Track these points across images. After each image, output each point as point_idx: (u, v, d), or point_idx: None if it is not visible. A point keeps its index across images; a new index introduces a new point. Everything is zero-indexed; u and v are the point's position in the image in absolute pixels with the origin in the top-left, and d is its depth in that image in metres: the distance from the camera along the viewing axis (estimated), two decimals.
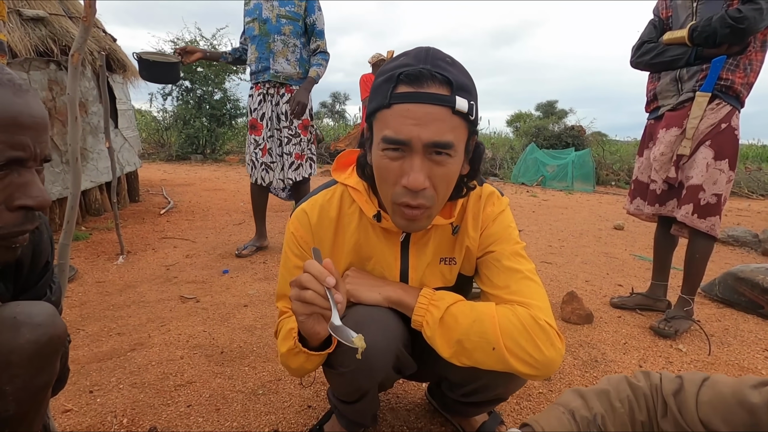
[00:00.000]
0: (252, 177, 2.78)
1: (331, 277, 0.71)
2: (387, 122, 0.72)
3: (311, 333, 0.78)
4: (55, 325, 0.67)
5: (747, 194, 7.63)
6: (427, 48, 0.74)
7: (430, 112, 0.69)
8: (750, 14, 1.55)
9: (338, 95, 29.78)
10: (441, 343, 0.81)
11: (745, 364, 1.65)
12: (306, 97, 2.65)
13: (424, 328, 0.83)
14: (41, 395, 0.70)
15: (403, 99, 0.70)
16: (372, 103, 0.76)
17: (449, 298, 0.85)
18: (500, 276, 0.87)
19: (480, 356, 0.79)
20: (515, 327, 0.78)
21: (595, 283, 2.55)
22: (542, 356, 0.77)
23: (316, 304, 0.72)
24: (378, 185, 0.81)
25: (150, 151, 10.07)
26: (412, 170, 0.72)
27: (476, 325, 0.79)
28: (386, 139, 0.72)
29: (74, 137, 0.89)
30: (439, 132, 0.70)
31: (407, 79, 0.70)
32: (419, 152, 0.72)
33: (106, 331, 1.75)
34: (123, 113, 4.11)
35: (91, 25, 0.86)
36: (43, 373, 0.67)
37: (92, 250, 2.80)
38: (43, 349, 0.65)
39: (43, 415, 0.75)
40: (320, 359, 0.85)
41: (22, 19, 2.86)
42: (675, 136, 1.82)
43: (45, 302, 0.70)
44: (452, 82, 0.70)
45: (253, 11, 2.63)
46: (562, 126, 10.98)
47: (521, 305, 0.82)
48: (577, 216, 4.97)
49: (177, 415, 1.23)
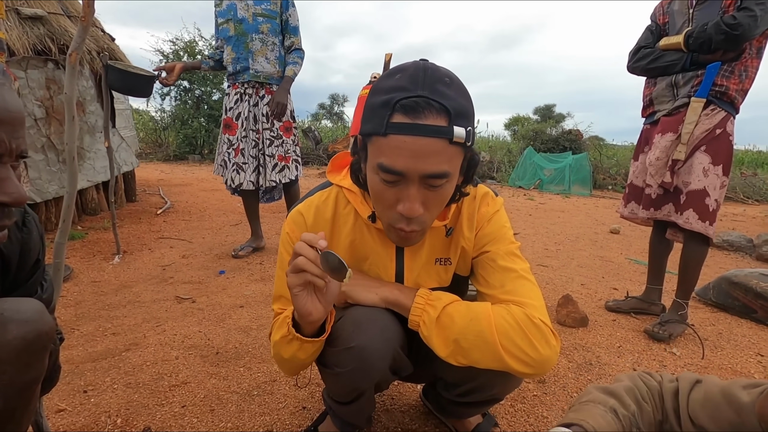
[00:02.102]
0: (223, 178, 2.74)
1: (323, 240, 0.72)
2: (383, 151, 0.71)
3: (305, 312, 0.77)
4: (43, 321, 0.67)
5: (742, 199, 7.68)
6: (425, 67, 0.71)
7: (427, 144, 0.69)
8: (745, 21, 1.57)
9: (337, 97, 29.81)
10: (438, 343, 0.82)
11: (738, 368, 1.66)
12: (285, 98, 2.63)
13: (421, 327, 0.83)
14: (29, 392, 0.70)
15: (400, 130, 0.69)
16: (367, 125, 0.73)
17: (446, 298, 0.85)
18: (495, 275, 0.88)
19: (477, 355, 0.80)
20: (511, 326, 0.79)
21: (590, 286, 2.56)
22: (538, 354, 0.78)
23: (307, 270, 0.72)
24: (373, 202, 0.82)
25: (147, 150, 10.06)
26: (408, 199, 0.73)
27: (473, 324, 0.80)
28: (383, 168, 0.72)
29: (71, 136, 0.89)
30: (436, 164, 0.70)
31: (403, 109, 0.68)
32: (415, 182, 0.72)
33: (101, 330, 1.74)
34: (121, 113, 4.10)
35: (89, 25, 0.86)
36: (31, 369, 0.67)
37: (88, 250, 2.80)
38: (30, 346, 0.65)
39: (33, 413, 0.75)
40: (313, 348, 0.85)
41: (20, 18, 2.85)
42: (670, 141, 1.84)
43: (33, 299, 0.69)
44: (450, 112, 0.68)
45: (226, 12, 2.59)
46: (559, 130, 11.02)
47: (516, 304, 0.82)
48: (574, 219, 4.99)
49: (171, 415, 1.23)
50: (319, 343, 0.85)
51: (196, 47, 9.68)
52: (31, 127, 2.89)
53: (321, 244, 0.72)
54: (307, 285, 0.75)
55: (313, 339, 0.83)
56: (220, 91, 9.78)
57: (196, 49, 9.65)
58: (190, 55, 9.51)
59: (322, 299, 0.77)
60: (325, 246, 0.72)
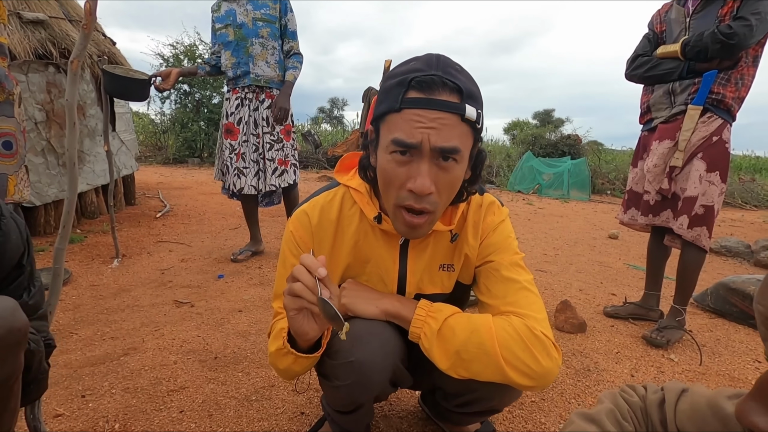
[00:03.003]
0: (224, 183, 2.75)
1: (322, 268, 0.72)
2: (397, 125, 0.73)
3: (300, 332, 0.77)
4: (15, 318, 0.66)
5: (740, 205, 7.70)
6: (438, 55, 0.75)
7: (440, 117, 0.71)
8: (740, 30, 1.58)
9: (337, 101, 29.86)
10: (439, 355, 0.81)
11: (735, 374, 1.66)
12: (288, 103, 2.66)
13: (422, 339, 0.83)
14: (5, 389, 0.70)
15: (415, 104, 0.71)
16: (381, 106, 0.76)
17: (447, 310, 0.85)
18: (498, 286, 0.88)
19: (477, 367, 0.79)
20: (512, 338, 0.78)
21: (588, 291, 2.56)
22: (539, 367, 0.77)
23: (304, 297, 0.72)
24: (382, 188, 0.80)
25: (147, 154, 10.07)
26: (419, 175, 0.73)
27: (474, 336, 0.79)
28: (396, 142, 0.72)
29: (72, 142, 0.89)
30: (449, 138, 0.71)
31: (419, 85, 0.71)
32: (427, 157, 0.72)
33: (100, 335, 1.74)
34: (120, 116, 4.11)
35: (90, 32, 0.87)
36: (4, 365, 0.67)
37: (87, 253, 2.80)
38: (1, 342, 0.64)
39: (14, 412, 0.74)
40: (308, 362, 0.85)
41: (21, 22, 2.87)
42: (668, 148, 1.85)
43: (6, 297, 0.69)
44: (462, 90, 0.71)
45: (225, 17, 2.61)
46: (558, 135, 11.07)
47: (518, 315, 0.82)
48: (572, 224, 5.00)
49: (169, 420, 1.23)
50: (314, 359, 0.85)
51: (196, 51, 9.72)
52: (32, 131, 2.89)
53: (320, 273, 0.72)
54: (303, 309, 0.75)
55: (308, 355, 0.83)
56: (220, 95, 9.81)
57: (196, 53, 9.69)
58: (190, 59, 9.54)
59: (318, 320, 0.77)
60: (324, 275, 0.72)
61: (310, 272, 0.72)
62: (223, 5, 2.62)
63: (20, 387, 0.74)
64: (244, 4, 2.58)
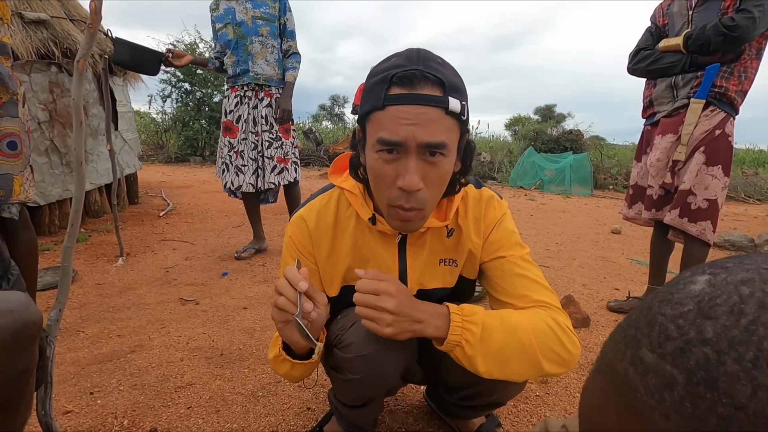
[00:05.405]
0: (223, 181, 2.76)
1: (303, 282, 0.73)
2: (381, 124, 0.72)
3: (291, 342, 0.78)
4: (29, 311, 0.67)
5: (744, 199, 7.67)
6: (418, 49, 0.74)
7: (424, 112, 0.70)
8: (743, 23, 1.58)
9: (337, 98, 29.86)
10: (480, 361, 0.77)
11: None
12: (290, 104, 2.68)
13: (464, 347, 0.76)
14: (21, 382, 0.71)
15: (397, 101, 0.70)
16: (365, 105, 0.75)
17: (479, 311, 0.80)
18: (513, 283, 0.88)
19: (515, 366, 0.78)
20: (544, 333, 0.79)
21: (592, 286, 2.57)
22: (569, 355, 0.79)
23: (287, 311, 0.73)
24: (372, 187, 0.80)
25: (149, 153, 10.07)
26: (407, 172, 0.72)
27: (512, 337, 0.78)
28: (381, 141, 0.72)
29: (79, 142, 0.90)
30: (434, 132, 0.71)
31: (400, 81, 0.70)
32: (414, 153, 0.72)
33: (106, 332, 1.76)
34: (123, 115, 4.12)
35: (96, 32, 0.87)
36: (20, 358, 0.68)
37: (92, 252, 2.81)
38: (17, 335, 0.65)
39: (29, 405, 0.75)
40: (305, 368, 0.86)
41: (23, 22, 2.87)
42: (670, 142, 1.85)
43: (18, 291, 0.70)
44: (444, 83, 0.70)
45: (224, 16, 2.61)
46: (560, 130, 11.01)
47: (543, 308, 0.83)
48: (575, 220, 5.00)
49: (177, 416, 1.24)
50: (312, 365, 0.86)
51: (197, 49, 9.71)
52: (35, 131, 2.91)
53: (301, 287, 0.73)
54: (289, 321, 0.76)
55: (304, 361, 0.84)
56: (221, 93, 9.79)
57: (197, 52, 9.67)
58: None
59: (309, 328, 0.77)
60: (304, 288, 0.74)
61: (293, 286, 0.73)
62: (221, 4, 2.62)
63: (35, 379, 0.75)
64: (243, 2, 2.58)
